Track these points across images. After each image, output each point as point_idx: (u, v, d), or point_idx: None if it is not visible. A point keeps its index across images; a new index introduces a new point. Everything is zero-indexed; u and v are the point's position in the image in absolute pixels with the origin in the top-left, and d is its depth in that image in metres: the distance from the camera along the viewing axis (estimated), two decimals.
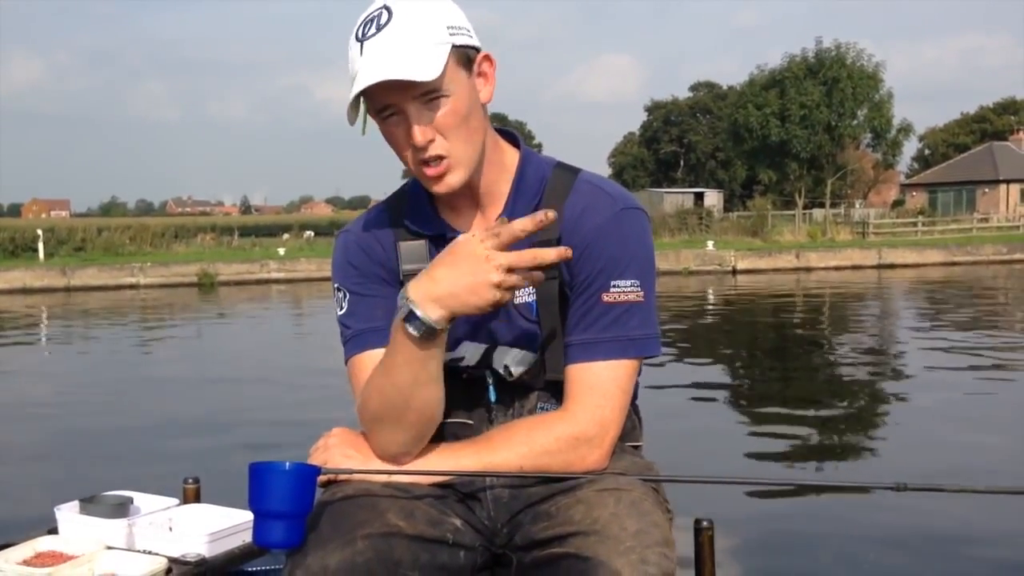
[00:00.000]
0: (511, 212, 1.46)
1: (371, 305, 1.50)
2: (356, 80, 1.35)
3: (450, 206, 1.51)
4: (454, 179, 1.41)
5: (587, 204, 1.45)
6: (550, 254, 1.28)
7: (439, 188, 1.42)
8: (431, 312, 1.27)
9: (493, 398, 1.46)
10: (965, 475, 5.43)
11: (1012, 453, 6.22)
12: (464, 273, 1.25)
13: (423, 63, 1.32)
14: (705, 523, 1.63)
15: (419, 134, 1.36)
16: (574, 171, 1.52)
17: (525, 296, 1.45)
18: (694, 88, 73.99)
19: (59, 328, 16.89)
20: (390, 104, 1.36)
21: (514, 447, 1.37)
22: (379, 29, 1.34)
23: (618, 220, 1.44)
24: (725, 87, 66.90)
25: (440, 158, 1.38)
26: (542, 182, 1.49)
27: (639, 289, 1.43)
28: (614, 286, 1.41)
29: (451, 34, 1.36)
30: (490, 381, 1.46)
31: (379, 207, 1.59)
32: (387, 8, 1.35)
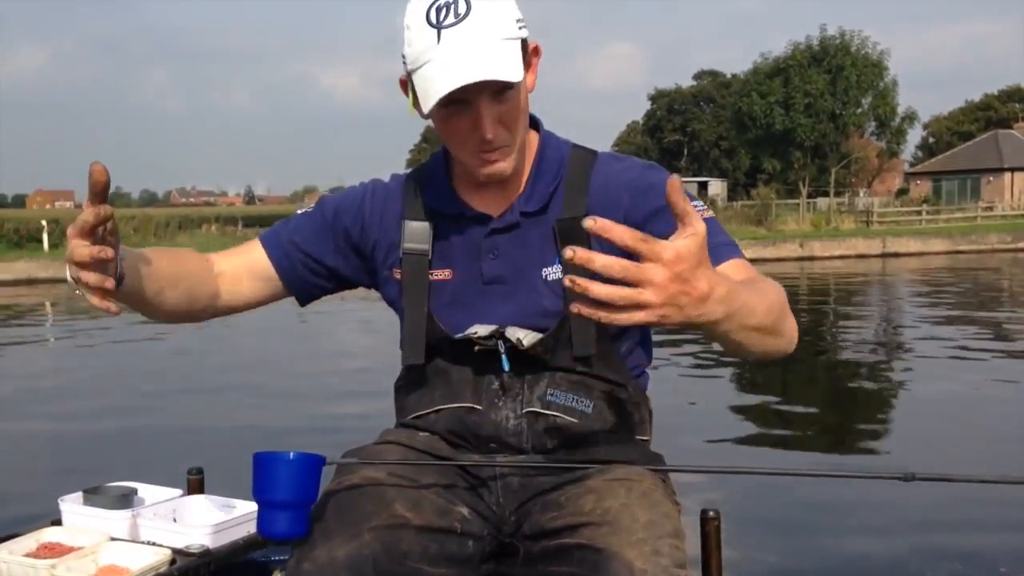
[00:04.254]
0: (531, 193, 1.47)
1: (314, 239, 1.55)
2: (435, 70, 1.30)
3: (473, 185, 1.50)
4: (507, 166, 1.41)
5: (612, 170, 1.48)
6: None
7: (491, 173, 1.41)
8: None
9: (507, 367, 1.42)
10: (971, 464, 5.42)
11: (1018, 443, 6.20)
12: None
13: (509, 62, 1.31)
14: (712, 513, 1.62)
15: (490, 129, 1.34)
16: (592, 152, 1.53)
17: (556, 273, 1.43)
18: (698, 76, 73.77)
19: (62, 319, 16.92)
20: (461, 98, 1.32)
21: (763, 297, 1.23)
22: (458, 18, 1.30)
23: (649, 171, 1.47)
24: (729, 75, 66.70)
25: (503, 148, 1.39)
26: (561, 163, 1.49)
27: (704, 209, 1.37)
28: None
29: (519, 28, 1.36)
30: (502, 350, 1.42)
31: (405, 179, 1.58)
32: None
